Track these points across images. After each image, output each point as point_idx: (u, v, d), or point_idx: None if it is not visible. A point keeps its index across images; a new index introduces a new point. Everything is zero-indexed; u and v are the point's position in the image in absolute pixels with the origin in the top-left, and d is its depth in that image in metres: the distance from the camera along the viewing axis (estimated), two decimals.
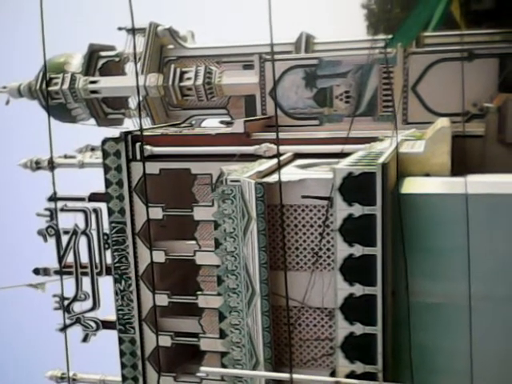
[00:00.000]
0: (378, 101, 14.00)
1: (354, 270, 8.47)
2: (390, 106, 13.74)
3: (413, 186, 8.92)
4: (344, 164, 8.84)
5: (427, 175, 9.51)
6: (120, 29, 16.32)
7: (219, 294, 9.50)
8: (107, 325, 12.11)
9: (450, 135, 9.95)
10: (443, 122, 10.87)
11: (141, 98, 15.85)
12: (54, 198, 11.32)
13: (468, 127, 12.03)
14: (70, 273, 11.92)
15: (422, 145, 9.95)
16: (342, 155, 10.01)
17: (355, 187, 8.41)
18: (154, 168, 11.56)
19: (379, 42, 14.54)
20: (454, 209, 8.23)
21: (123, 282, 11.65)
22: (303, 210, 9.36)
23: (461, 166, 10.04)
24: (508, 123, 11.20)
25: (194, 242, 11.05)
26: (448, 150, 9.66)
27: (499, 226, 8.18)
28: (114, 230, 11.63)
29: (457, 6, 17.60)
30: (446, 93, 13.06)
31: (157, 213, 11.26)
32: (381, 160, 8.51)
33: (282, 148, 11.42)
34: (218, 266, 9.54)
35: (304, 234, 9.38)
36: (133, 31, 8.63)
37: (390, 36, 13.98)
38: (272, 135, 12.24)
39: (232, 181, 9.29)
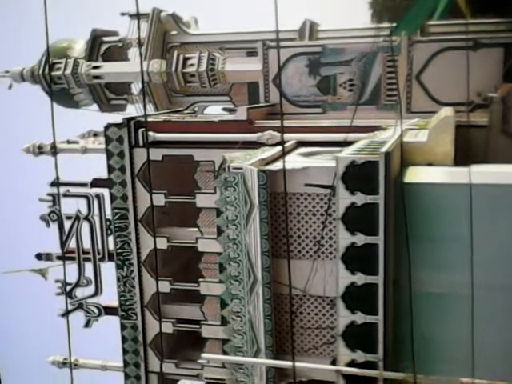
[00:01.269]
0: (382, 89, 13.95)
1: (355, 259, 8.48)
2: (393, 94, 13.69)
3: (416, 175, 8.90)
4: (347, 152, 8.82)
5: (430, 164, 9.48)
6: (123, 14, 16.25)
7: (221, 282, 9.53)
8: (109, 311, 12.18)
9: (453, 125, 9.91)
10: (447, 111, 10.82)
11: (144, 84, 15.81)
12: (56, 184, 11.31)
13: (472, 117, 11.96)
14: (72, 258, 11.96)
15: (426, 134, 9.92)
16: (345, 144, 9.98)
17: (358, 176, 8.40)
18: (156, 154, 11.52)
19: (383, 30, 14.46)
20: (458, 198, 8.22)
21: (125, 268, 11.69)
22: (306, 199, 9.36)
23: (464, 155, 10.00)
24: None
25: (196, 229, 11.07)
26: (451, 139, 9.63)
27: (502, 215, 8.17)
28: (117, 216, 11.65)
29: None
30: (450, 82, 13.00)
31: (159, 199, 11.26)
32: (384, 149, 8.49)
33: (285, 136, 11.39)
34: (220, 254, 9.55)
35: (306, 222, 9.37)
36: (137, 16, 8.57)
37: (394, 24, 13.91)
38: (275, 123, 12.19)
39: (235, 168, 9.28)
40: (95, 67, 15.90)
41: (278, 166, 9.34)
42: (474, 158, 10.11)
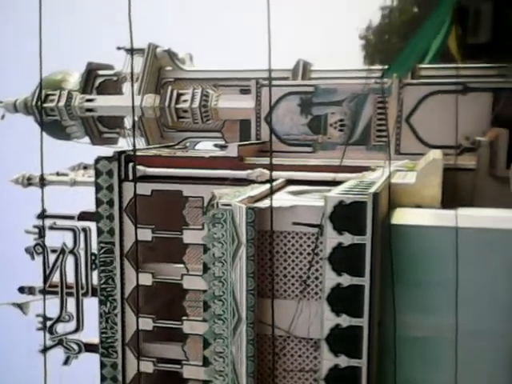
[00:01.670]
0: (372, 130, 14.07)
1: (341, 300, 8.39)
2: (383, 135, 13.79)
3: (403, 216, 8.90)
4: (335, 192, 8.82)
5: (418, 206, 9.50)
6: (119, 48, 16.42)
7: (205, 320, 9.38)
8: (90, 348, 11.91)
9: (441, 167, 9.97)
10: (435, 154, 10.90)
11: (136, 119, 15.90)
12: (42, 216, 11.24)
13: (460, 160, 12.05)
14: (55, 292, 11.80)
15: (414, 176, 9.96)
16: (334, 183, 9.99)
17: (346, 216, 8.38)
18: (145, 189, 11.50)
19: (375, 71, 14.66)
20: (444, 241, 8.21)
21: (108, 304, 11.51)
22: (293, 237, 9.31)
23: (452, 198, 10.03)
24: (499, 158, 11.25)
25: (182, 265, 10.97)
26: (439, 182, 9.67)
27: (488, 260, 8.16)
28: (102, 251, 11.53)
29: (453, 39, 17.80)
30: (439, 125, 13.12)
31: (146, 234, 11.18)
32: (372, 189, 8.50)
33: (275, 174, 11.41)
34: (205, 291, 9.43)
35: (293, 261, 9.30)
36: (131, 51, 8.69)
37: (385, 66, 14.14)
38: (265, 160, 12.24)
39: (223, 205, 9.24)
40: (89, 100, 15.97)
41: (266, 203, 9.31)
42: (462, 201, 10.14)
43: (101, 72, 16.91)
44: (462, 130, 12.59)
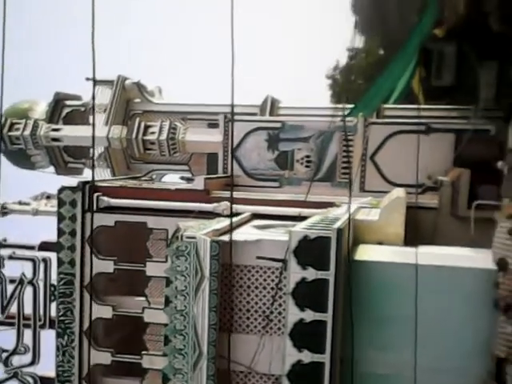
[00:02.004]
0: (337, 167, 14.26)
1: (303, 336, 8.34)
2: (348, 173, 13.98)
3: (366, 253, 8.98)
4: (300, 227, 8.86)
5: (381, 243, 9.60)
6: (88, 79, 16.36)
7: (165, 355, 9.19)
8: (45, 381, 11.57)
9: (404, 205, 10.12)
10: (399, 192, 11.07)
11: (102, 149, 15.82)
12: (1, 245, 11.01)
13: (422, 199, 12.25)
14: (12, 324, 11.47)
15: (378, 213, 10.08)
16: (300, 218, 10.04)
17: (310, 251, 8.40)
18: (109, 220, 11.39)
19: (341, 110, 14.92)
20: (404, 278, 8.29)
21: (66, 337, 11.22)
22: (257, 271, 9.26)
23: (414, 236, 10.16)
24: (461, 197, 11.48)
25: (143, 298, 10.81)
26: (402, 219, 9.81)
27: (447, 297, 8.25)
28: (62, 282, 11.31)
29: (418, 81, 18.30)
30: (402, 164, 13.36)
31: (108, 266, 11.02)
32: (336, 225, 8.56)
33: (241, 208, 11.43)
34: (166, 325, 9.28)
35: (256, 295, 9.23)
36: (93, 82, 8.76)
37: (352, 105, 14.43)
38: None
39: (188, 237, 9.16)
40: (55, 130, 15.87)
41: (232, 236, 9.28)
42: (424, 239, 10.27)
43: (68, 102, 16.84)
44: (425, 170, 12.86)
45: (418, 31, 14.97)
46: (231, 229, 8.93)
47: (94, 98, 11.92)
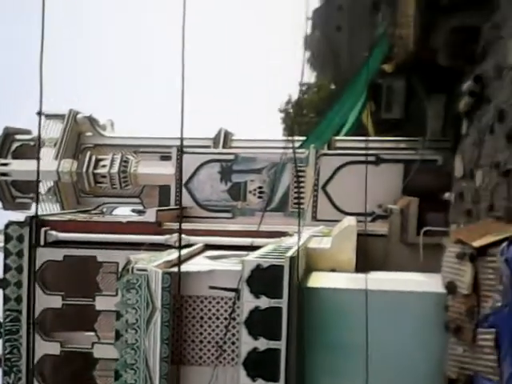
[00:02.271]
0: (290, 198, 14.40)
1: (257, 365, 8.21)
2: (300, 203, 14.11)
3: (318, 280, 8.99)
4: (253, 256, 8.82)
5: (333, 270, 9.65)
6: (38, 113, 16.20)
7: None
8: None
9: (355, 233, 10.24)
10: (350, 220, 11.21)
11: (52, 184, 15.56)
12: None
13: (373, 227, 12.45)
14: None
15: (329, 241, 10.17)
16: (252, 248, 10.02)
17: (263, 279, 8.35)
18: (57, 254, 11.15)
19: (293, 142, 15.13)
20: (355, 304, 8.29)
21: (13, 376, 10.78)
22: (210, 302, 9.15)
23: (366, 263, 10.26)
24: (410, 225, 11.72)
25: (93, 333, 10.53)
26: (353, 247, 9.90)
27: (397, 322, 8.30)
28: (8, 319, 10.90)
29: (368, 114, 18.78)
30: (353, 193, 13.56)
31: (56, 301, 10.72)
32: (289, 254, 8.57)
33: (194, 239, 11.37)
34: (116, 360, 9.02)
35: (209, 326, 9.10)
36: (39, 116, 8.80)
37: (303, 138, 14.67)
38: (184, 226, 12.16)
39: (139, 269, 9.01)
40: (3, 164, 15.57)
41: (184, 268, 9.18)
42: (375, 265, 10.39)
43: (18, 136, 16.61)
44: (375, 199, 13.10)
45: (368, 67, 15.46)
46: (179, 260, 8.84)
47: (39, 130, 11.77)
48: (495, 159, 8.67)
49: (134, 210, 15.91)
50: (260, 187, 14.63)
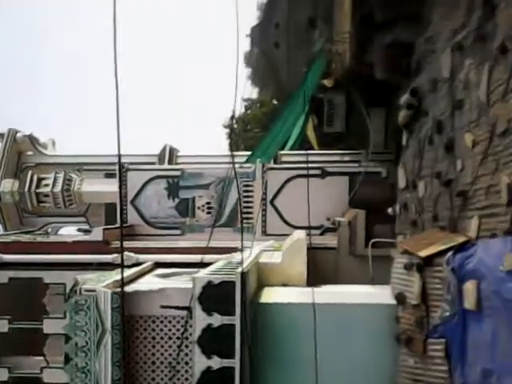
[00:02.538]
0: (238, 213, 14.41)
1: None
2: (249, 218, 14.16)
3: (270, 295, 9.02)
4: (204, 273, 8.78)
5: (285, 285, 9.70)
6: None
7: None
8: None
9: (305, 247, 10.34)
10: (299, 234, 11.31)
11: None
12: None
13: (323, 240, 12.61)
14: None
15: (280, 256, 10.23)
16: (203, 265, 9.96)
17: (215, 296, 8.31)
18: (2, 277, 10.83)
19: (240, 157, 15.20)
20: (304, 318, 8.32)
21: None
22: (162, 322, 9.03)
23: (317, 276, 10.37)
24: (358, 237, 11.91)
25: (42, 357, 10.23)
26: (304, 260, 9.99)
27: (349, 335, 8.38)
28: None
29: (311, 128, 19.07)
30: (301, 207, 13.70)
31: (2, 326, 10.37)
32: (240, 269, 8.56)
33: (143, 257, 11.25)
34: None
35: (162, 346, 8.97)
36: None
37: (249, 152, 14.75)
38: (132, 244, 12.03)
39: (87, 290, 8.82)
40: None
41: (133, 287, 9.04)
42: (327, 278, 10.51)
43: None
44: (324, 211, 13.28)
45: (307, 82, 15.74)
46: (122, 281, 8.67)
47: None
48: (436, 170, 8.90)
49: (79, 230, 15.60)
50: (208, 203, 14.60)
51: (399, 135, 11.85)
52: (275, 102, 26.47)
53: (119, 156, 5.23)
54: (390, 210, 11.60)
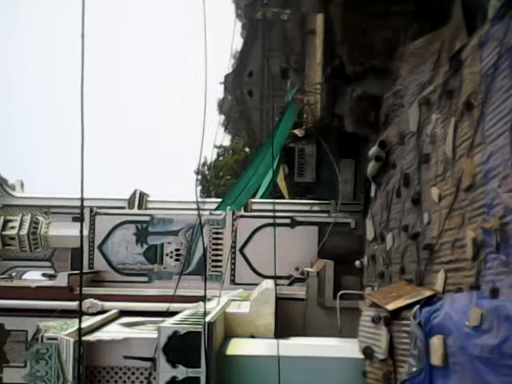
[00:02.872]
0: (207, 260, 14.28)
1: None
2: (218, 266, 14.05)
3: (237, 347, 8.89)
4: (170, 322, 8.63)
5: (253, 336, 9.58)
6: None
7: None
8: None
9: (274, 297, 10.27)
10: (268, 284, 11.25)
11: None
12: None
13: (291, 290, 12.53)
14: None
15: (248, 306, 10.13)
16: (170, 314, 9.80)
17: (180, 347, 8.15)
18: None
19: (210, 204, 15.20)
20: (271, 371, 8.18)
21: None
22: (125, 373, 8.80)
23: (285, 327, 10.27)
24: (326, 288, 11.86)
25: None
26: (272, 311, 9.92)
27: None
28: None
29: (282, 178, 19.28)
30: (270, 256, 13.64)
31: None
32: (207, 319, 8.44)
33: (108, 304, 11.03)
34: None
35: None
36: None
37: (220, 199, 14.77)
38: (98, 290, 11.81)
39: (48, 338, 8.59)
40: None
41: (97, 336, 8.83)
42: (295, 329, 10.42)
43: None
44: (293, 261, 13.27)
45: (278, 132, 15.99)
46: (79, 330, 8.49)
47: None
48: (403, 222, 8.98)
49: (44, 274, 15.27)
50: (177, 250, 14.46)
51: (368, 186, 11.99)
52: (247, 149, 26.75)
53: (82, 199, 5.15)
54: (357, 263, 11.60)
